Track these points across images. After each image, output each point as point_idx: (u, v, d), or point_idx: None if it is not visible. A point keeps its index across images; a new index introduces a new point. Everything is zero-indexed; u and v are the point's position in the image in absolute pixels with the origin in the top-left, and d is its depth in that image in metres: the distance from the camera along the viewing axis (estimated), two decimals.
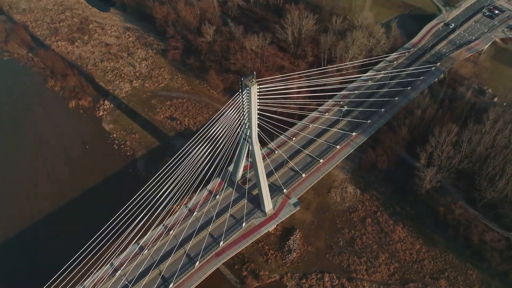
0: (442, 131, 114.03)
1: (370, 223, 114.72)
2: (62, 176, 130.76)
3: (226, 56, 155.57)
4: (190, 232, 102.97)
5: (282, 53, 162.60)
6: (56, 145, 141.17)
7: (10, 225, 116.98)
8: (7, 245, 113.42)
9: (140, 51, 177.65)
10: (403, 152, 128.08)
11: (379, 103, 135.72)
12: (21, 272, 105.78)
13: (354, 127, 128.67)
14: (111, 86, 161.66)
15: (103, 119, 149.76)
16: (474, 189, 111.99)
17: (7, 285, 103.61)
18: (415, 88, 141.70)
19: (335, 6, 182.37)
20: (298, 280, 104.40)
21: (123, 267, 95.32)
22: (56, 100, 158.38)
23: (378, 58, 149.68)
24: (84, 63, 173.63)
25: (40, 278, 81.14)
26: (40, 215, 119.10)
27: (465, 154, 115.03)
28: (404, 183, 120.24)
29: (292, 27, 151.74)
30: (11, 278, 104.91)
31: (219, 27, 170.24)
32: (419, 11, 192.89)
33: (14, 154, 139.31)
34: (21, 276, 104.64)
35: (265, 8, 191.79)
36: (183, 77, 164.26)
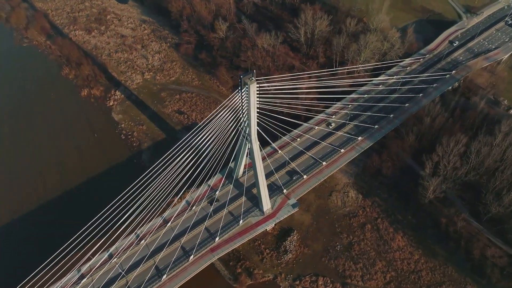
0: (450, 141, 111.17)
1: (369, 229, 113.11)
2: (69, 162, 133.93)
3: (238, 53, 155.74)
4: (187, 226, 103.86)
5: (294, 53, 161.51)
6: (66, 131, 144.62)
7: (18, 208, 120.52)
8: (13, 226, 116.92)
9: (154, 44, 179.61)
10: (410, 160, 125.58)
11: (388, 109, 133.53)
12: (27, 249, 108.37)
13: (361, 131, 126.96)
14: (123, 77, 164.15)
15: (113, 109, 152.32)
16: (480, 202, 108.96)
17: (18, 261, 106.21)
18: (427, 95, 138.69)
19: (352, 8, 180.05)
20: (291, 282, 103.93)
21: (118, 256, 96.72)
22: (69, 87, 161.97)
23: (391, 62, 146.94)
24: (99, 53, 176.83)
25: (44, 255, 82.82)
26: (46, 198, 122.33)
27: (473, 166, 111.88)
28: (408, 191, 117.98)
29: (305, 27, 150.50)
30: (21, 255, 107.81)
31: (233, 23, 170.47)
32: (439, 16, 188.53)
33: (25, 137, 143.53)
34: (29, 253, 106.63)
35: (281, 7, 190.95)
36: (194, 72, 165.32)
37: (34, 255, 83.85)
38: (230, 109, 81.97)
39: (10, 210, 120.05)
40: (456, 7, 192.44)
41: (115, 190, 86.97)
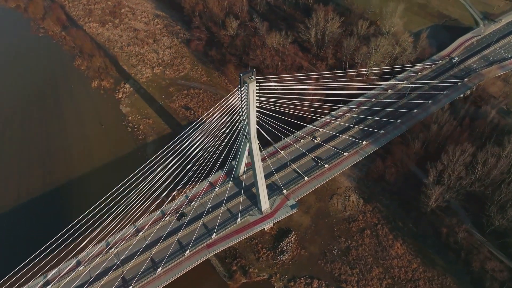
0: (456, 150, 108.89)
1: (368, 235, 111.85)
2: (75, 151, 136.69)
3: (247, 51, 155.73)
4: (185, 221, 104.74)
5: (304, 53, 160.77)
6: (74, 121, 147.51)
7: (23, 194, 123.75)
8: (17, 212, 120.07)
9: (166, 39, 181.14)
10: (414, 167, 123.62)
11: (396, 114, 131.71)
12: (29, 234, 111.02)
13: (366, 135, 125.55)
14: (133, 71, 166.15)
15: (121, 102, 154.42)
16: (484, 214, 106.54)
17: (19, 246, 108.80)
18: (436, 102, 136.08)
19: (366, 11, 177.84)
20: (286, 282, 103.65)
21: (116, 247, 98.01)
22: (80, 78, 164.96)
23: (402, 67, 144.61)
24: (112, 45, 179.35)
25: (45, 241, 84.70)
26: (52, 185, 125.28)
27: (478, 176, 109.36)
28: (410, 198, 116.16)
29: (316, 28, 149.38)
30: (23, 239, 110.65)
31: (245, 21, 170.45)
32: (455, 22, 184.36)
33: (35, 125, 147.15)
34: (31, 237, 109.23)
35: (294, 7, 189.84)
36: (203, 68, 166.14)
37: (35, 240, 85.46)
38: (231, 106, 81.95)
39: (15, 196, 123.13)
40: (474, 13, 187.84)
41: (118, 181, 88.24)
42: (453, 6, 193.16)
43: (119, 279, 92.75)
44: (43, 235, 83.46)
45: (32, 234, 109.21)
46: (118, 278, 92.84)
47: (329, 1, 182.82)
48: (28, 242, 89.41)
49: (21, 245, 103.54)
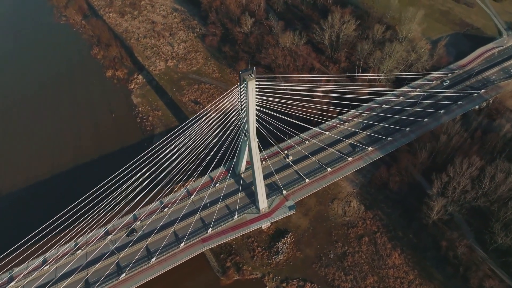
0: (464, 162, 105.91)
1: (366, 242, 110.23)
2: (85, 137, 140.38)
3: (260, 49, 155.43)
4: (182, 214, 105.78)
5: (318, 54, 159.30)
6: (87, 107, 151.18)
7: (31, 176, 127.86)
8: (24, 192, 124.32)
9: (182, 33, 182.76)
10: (420, 177, 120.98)
11: (405, 121, 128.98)
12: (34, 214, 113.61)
13: (372, 141, 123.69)
14: (147, 62, 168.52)
15: (133, 92, 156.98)
16: (487, 230, 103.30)
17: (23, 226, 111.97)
18: (449, 112, 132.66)
19: (385, 15, 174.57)
20: (278, 283, 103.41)
21: (114, 233, 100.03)
22: (96, 67, 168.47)
23: (416, 74, 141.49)
24: (129, 36, 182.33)
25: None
26: (59, 169, 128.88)
27: (485, 191, 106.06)
28: (413, 208, 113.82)
29: (330, 30, 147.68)
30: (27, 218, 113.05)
31: (260, 20, 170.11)
32: (477, 31, 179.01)
33: (50, 108, 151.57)
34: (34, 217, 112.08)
35: (312, 7, 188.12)
36: (215, 64, 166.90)
37: (38, 221, 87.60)
38: (231, 103, 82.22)
39: (24, 178, 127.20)
40: (498, 23, 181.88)
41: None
42: (477, 15, 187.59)
43: (113, 265, 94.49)
44: (50, 212, 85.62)
45: (41, 211, 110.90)
46: (113, 264, 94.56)
47: (348, 3, 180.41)
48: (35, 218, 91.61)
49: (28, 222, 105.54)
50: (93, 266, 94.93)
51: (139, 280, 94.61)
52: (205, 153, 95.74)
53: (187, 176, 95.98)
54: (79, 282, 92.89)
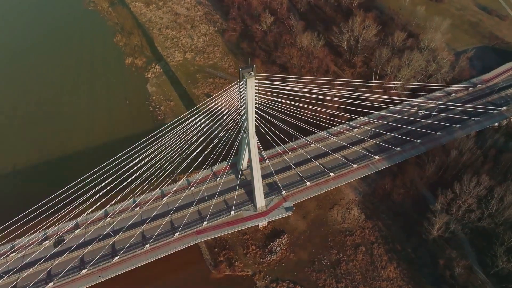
0: (472, 180, 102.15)
1: (362, 251, 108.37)
2: (98, 120, 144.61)
3: (277, 48, 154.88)
4: (181, 204, 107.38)
5: (335, 57, 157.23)
6: (103, 92, 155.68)
7: (39, 155, 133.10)
8: (32, 170, 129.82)
9: (203, 26, 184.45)
10: (426, 191, 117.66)
11: (417, 133, 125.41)
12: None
13: (380, 150, 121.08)
14: (166, 53, 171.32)
15: (149, 81, 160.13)
16: (490, 252, 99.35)
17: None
18: (464, 128, 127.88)
19: (410, 22, 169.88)
20: (268, 283, 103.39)
21: (113, 216, 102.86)
22: (117, 53, 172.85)
23: (435, 85, 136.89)
24: (151, 26, 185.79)
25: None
26: (68, 151, 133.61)
27: (492, 212, 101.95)
28: (415, 222, 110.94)
29: (349, 33, 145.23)
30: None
31: (281, 18, 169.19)
32: (507, 46, 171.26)
33: (67, 90, 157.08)
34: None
35: (336, 9, 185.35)
36: (232, 59, 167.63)
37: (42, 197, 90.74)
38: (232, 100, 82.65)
39: (35, 155, 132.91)
40: None
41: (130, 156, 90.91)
42: (508, 29, 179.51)
43: (107, 246, 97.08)
44: (56, 189, 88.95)
45: (47, 188, 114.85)
46: (107, 246, 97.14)
47: (373, 8, 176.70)
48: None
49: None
50: (89, 246, 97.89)
51: (132, 264, 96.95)
52: (209, 146, 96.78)
53: (189, 167, 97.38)
54: (73, 260, 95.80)
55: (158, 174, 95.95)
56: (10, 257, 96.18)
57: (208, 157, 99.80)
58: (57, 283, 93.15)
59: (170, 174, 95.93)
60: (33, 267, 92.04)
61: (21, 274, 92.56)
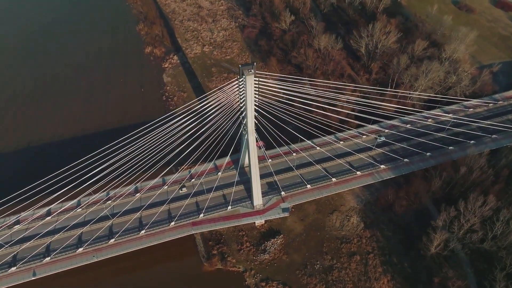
0: (478, 199, 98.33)
1: (357, 260, 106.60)
2: (111, 104, 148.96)
3: (294, 47, 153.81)
4: (181, 195, 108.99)
5: (353, 61, 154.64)
6: (119, 78, 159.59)
7: (50, 135, 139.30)
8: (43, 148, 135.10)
9: (224, 21, 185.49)
10: (431, 205, 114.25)
11: (428, 146, 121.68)
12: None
13: (387, 159, 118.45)
14: (185, 45, 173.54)
15: (165, 71, 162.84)
16: (489, 276, 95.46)
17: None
18: (479, 144, 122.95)
19: (435, 31, 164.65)
20: (258, 281, 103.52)
21: (113, 200, 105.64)
22: (138, 42, 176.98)
23: (453, 98, 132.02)
24: (174, 17, 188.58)
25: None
26: (80, 132, 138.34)
27: (496, 235, 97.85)
28: (415, 236, 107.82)
29: (367, 38, 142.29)
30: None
31: (302, 18, 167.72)
32: None
33: (85, 73, 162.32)
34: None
35: (360, 13, 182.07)
36: (249, 56, 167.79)
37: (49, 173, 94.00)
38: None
39: (45, 135, 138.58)
40: None
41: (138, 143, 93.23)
42: None
43: (104, 228, 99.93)
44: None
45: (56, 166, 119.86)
46: (103, 228, 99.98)
47: (397, 14, 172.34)
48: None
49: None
50: (87, 226, 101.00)
51: (126, 248, 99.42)
52: (214, 140, 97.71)
53: (192, 158, 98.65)
54: (69, 238, 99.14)
55: (159, 162, 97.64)
56: (14, 228, 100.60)
57: (210, 150, 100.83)
58: (54, 258, 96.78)
59: (170, 164, 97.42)
60: (31, 241, 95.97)
61: (21, 246, 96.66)
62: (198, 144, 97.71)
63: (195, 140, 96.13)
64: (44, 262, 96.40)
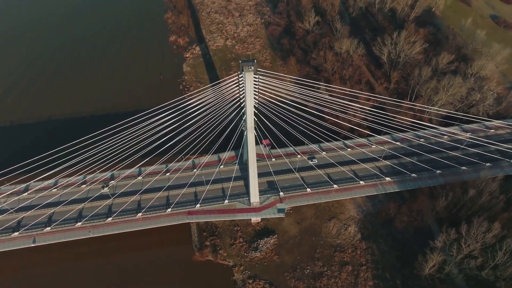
0: (482, 225, 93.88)
1: (348, 271, 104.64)
2: (128, 87, 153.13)
3: (315, 48, 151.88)
4: (181, 183, 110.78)
5: (375, 68, 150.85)
6: (140, 63, 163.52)
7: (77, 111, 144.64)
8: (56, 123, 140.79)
9: (251, 16, 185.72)
10: (433, 223, 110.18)
11: (439, 163, 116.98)
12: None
13: (393, 172, 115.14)
14: (209, 37, 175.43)
15: (186, 61, 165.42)
16: None
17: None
18: (494, 168, 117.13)
19: (466, 46, 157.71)
20: (245, 278, 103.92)
21: (116, 180, 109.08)
22: (164, 30, 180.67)
23: (473, 117, 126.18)
24: (202, 9, 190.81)
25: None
26: (93, 111, 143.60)
27: (497, 264, 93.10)
28: (412, 254, 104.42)
29: (391, 46, 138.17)
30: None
31: (328, 20, 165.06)
32: None
33: (112, 54, 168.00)
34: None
35: (389, 19, 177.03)
36: (270, 54, 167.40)
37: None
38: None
39: (63, 111, 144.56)
40: None
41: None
42: None
43: (102, 206, 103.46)
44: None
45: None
46: (101, 206, 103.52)
47: (429, 24, 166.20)
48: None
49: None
50: (88, 202, 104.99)
51: (122, 228, 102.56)
52: (219, 134, 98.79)
53: (197, 149, 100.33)
54: (70, 211, 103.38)
55: (163, 150, 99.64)
56: (22, 196, 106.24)
57: (214, 143, 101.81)
58: (54, 229, 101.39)
59: (176, 152, 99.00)
60: (35, 209, 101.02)
61: (25, 213, 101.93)
62: (202, 135, 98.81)
63: (201, 132, 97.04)
64: (45, 231, 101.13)
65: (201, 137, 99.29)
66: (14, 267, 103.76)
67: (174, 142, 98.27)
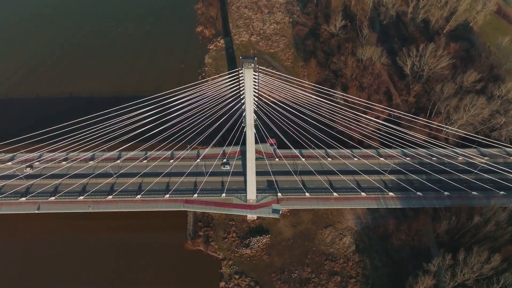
0: (482, 255, 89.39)
1: (336, 281, 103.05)
2: (148, 71, 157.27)
3: (338, 52, 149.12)
4: (184, 171, 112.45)
5: (398, 78, 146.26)
6: (164, 50, 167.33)
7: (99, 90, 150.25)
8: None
9: (280, 14, 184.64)
10: (433, 245, 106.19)
11: (448, 185, 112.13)
12: None
13: (399, 188, 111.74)
14: (235, 31, 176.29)
15: (209, 53, 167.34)
16: None
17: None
18: (509, 197, 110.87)
19: (500, 65, 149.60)
20: (233, 272, 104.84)
21: (122, 160, 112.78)
22: (192, 20, 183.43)
23: (493, 142, 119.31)
24: (232, 2, 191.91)
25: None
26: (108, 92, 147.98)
27: None
28: (407, 274, 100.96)
29: (415, 59, 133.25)
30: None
31: (357, 25, 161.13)
32: None
33: (139, 40, 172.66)
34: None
35: (421, 30, 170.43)
36: (293, 54, 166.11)
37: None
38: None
39: (84, 90, 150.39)
40: None
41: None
42: None
43: (102, 183, 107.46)
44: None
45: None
46: (101, 183, 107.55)
47: (462, 39, 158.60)
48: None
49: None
50: (93, 178, 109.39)
51: (120, 207, 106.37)
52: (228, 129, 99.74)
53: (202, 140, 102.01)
54: (74, 184, 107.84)
55: (169, 136, 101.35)
56: (34, 165, 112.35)
57: (219, 135, 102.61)
58: (58, 199, 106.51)
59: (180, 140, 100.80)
60: (43, 177, 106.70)
61: (34, 180, 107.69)
62: (206, 127, 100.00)
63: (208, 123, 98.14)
64: (49, 200, 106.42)
65: (208, 128, 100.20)
66: (17, 230, 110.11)
67: (181, 130, 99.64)
